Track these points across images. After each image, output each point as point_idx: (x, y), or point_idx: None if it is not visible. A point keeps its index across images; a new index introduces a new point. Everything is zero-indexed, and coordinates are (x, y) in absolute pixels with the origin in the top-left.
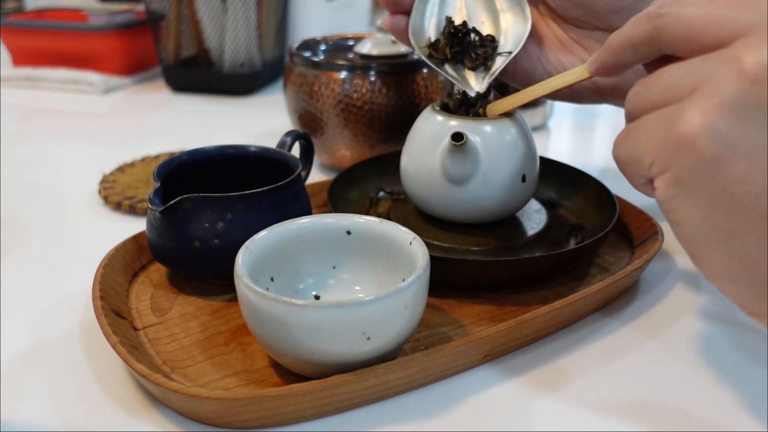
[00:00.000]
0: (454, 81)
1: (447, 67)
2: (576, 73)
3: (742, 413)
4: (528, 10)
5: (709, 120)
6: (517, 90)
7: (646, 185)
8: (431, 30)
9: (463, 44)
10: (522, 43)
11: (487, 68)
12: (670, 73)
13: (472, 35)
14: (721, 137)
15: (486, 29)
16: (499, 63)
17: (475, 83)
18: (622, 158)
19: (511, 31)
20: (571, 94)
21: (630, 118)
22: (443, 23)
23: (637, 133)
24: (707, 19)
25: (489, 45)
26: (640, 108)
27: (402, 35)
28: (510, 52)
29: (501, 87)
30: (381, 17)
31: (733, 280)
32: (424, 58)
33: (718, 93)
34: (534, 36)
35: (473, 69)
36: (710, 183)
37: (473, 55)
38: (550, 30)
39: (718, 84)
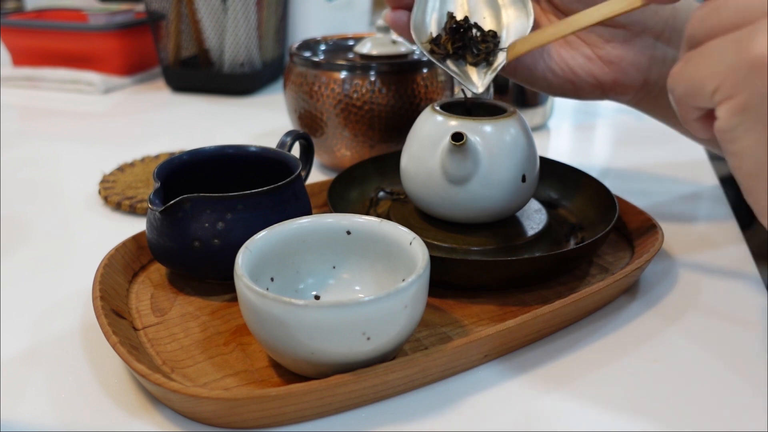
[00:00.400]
0: (455, 77)
1: (449, 62)
2: (626, 2)
3: (743, 413)
4: (530, 5)
5: None
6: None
7: (700, 120)
8: (433, 25)
9: (464, 39)
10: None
11: (489, 64)
12: None
13: (474, 31)
14: None
15: (488, 25)
16: (501, 59)
17: (477, 79)
18: (680, 87)
19: (513, 26)
20: (573, 89)
21: (691, 44)
22: (445, 18)
23: (700, 58)
24: None
25: (491, 41)
26: (706, 32)
27: (403, 30)
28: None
29: (501, 84)
30: (381, 17)
31: None
32: (425, 53)
33: None
34: (536, 30)
35: (475, 65)
36: None
37: (475, 51)
38: (552, 24)
39: None
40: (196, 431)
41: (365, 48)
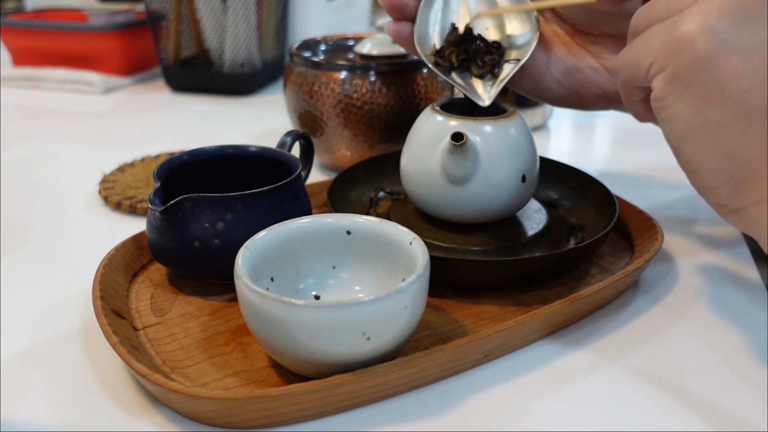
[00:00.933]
0: (461, 90)
1: (454, 75)
2: None
3: (743, 413)
4: (535, 17)
5: (708, 20)
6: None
7: (641, 102)
8: (435, 37)
9: (469, 51)
10: (530, 52)
11: (495, 76)
12: None
13: (478, 42)
14: (718, 35)
15: (492, 36)
16: (507, 71)
17: (483, 92)
18: (624, 69)
19: (517, 38)
20: (579, 100)
21: (634, 33)
22: (447, 30)
23: (640, 41)
24: None
25: (495, 52)
26: (645, 22)
27: (407, 42)
28: (518, 60)
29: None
30: (381, 17)
31: (715, 174)
32: (430, 65)
33: None
34: (541, 42)
35: (480, 77)
36: (705, 78)
37: (480, 63)
38: (557, 36)
39: None
40: (196, 431)
41: (365, 48)
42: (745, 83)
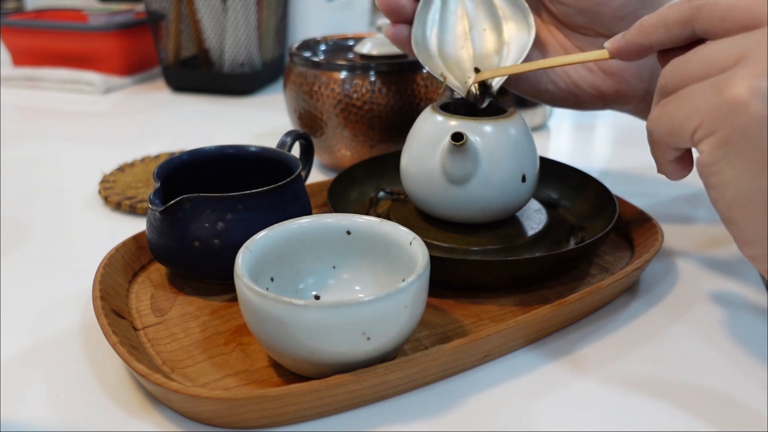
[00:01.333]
0: (459, 92)
1: (451, 78)
2: (595, 54)
3: (743, 413)
4: (531, 18)
5: (760, 83)
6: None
7: (675, 162)
8: (433, 40)
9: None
10: (526, 53)
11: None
12: (710, 47)
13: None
14: None
15: (488, 38)
16: (499, 79)
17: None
18: (660, 129)
19: (514, 40)
20: (576, 100)
21: (665, 92)
22: (446, 34)
23: (679, 102)
24: (744, 2)
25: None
26: (679, 80)
27: (404, 44)
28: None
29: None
30: (381, 17)
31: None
32: (426, 67)
33: (766, 59)
34: (538, 44)
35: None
36: (760, 142)
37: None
38: (553, 38)
39: (765, 52)
40: (196, 431)
41: (365, 48)
42: None
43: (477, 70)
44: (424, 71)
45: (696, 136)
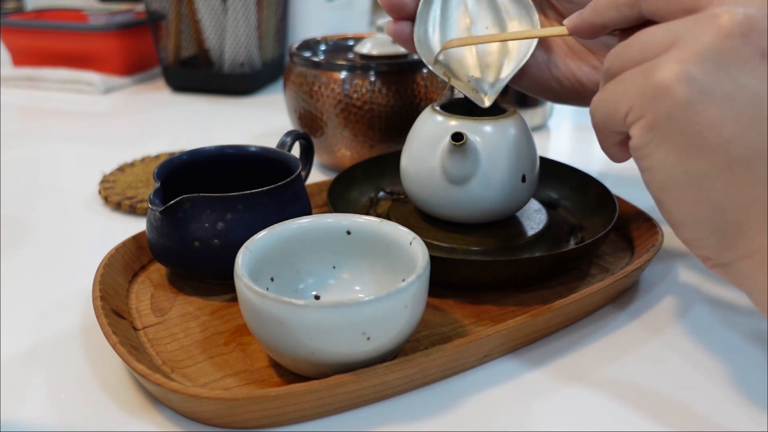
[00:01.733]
0: (462, 91)
1: (453, 81)
2: (556, 30)
3: (743, 413)
4: (536, 16)
5: (685, 68)
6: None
7: (618, 145)
8: (435, 37)
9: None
10: (531, 51)
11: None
12: (648, 32)
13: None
14: (696, 83)
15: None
16: (507, 72)
17: (483, 94)
18: (599, 112)
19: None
20: (578, 98)
21: (608, 76)
22: (447, 31)
23: (614, 86)
24: None
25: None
26: (619, 65)
27: (406, 42)
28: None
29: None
30: (381, 17)
31: (699, 226)
32: (430, 67)
33: (695, 44)
34: (542, 42)
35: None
36: (684, 126)
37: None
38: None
39: (695, 37)
40: (196, 431)
41: (365, 48)
42: (725, 132)
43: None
44: (425, 71)
45: (627, 119)
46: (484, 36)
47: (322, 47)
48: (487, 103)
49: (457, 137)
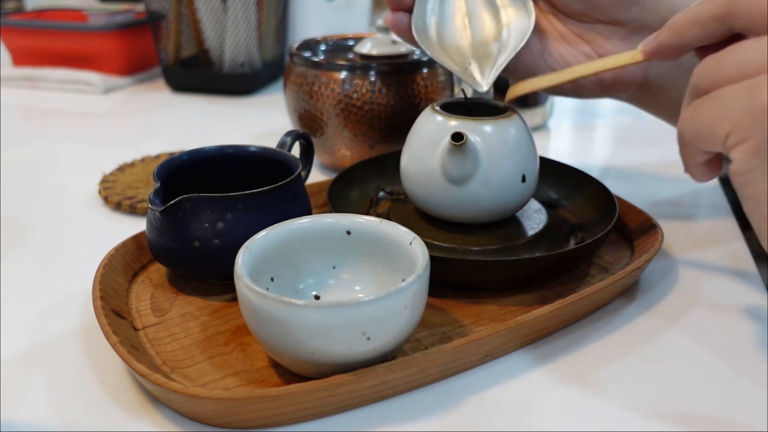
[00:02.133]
0: (459, 75)
1: (450, 63)
2: (627, 56)
3: (743, 413)
4: (530, 4)
5: None
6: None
7: (704, 164)
8: (433, 28)
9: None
10: (526, 38)
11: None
12: (746, 46)
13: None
14: None
15: (487, 24)
16: (503, 58)
17: (480, 77)
18: (691, 131)
19: (513, 26)
20: (574, 88)
21: (697, 92)
22: (444, 22)
23: (711, 104)
24: None
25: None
26: (712, 81)
27: (404, 32)
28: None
29: (501, 84)
30: (381, 17)
31: None
32: (427, 52)
33: None
34: (536, 30)
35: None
36: None
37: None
38: (551, 24)
39: None
40: (196, 431)
41: (365, 48)
42: None
43: (506, 86)
44: (425, 71)
45: (728, 141)
46: (549, 76)
47: (322, 47)
48: (485, 87)
49: (457, 137)
